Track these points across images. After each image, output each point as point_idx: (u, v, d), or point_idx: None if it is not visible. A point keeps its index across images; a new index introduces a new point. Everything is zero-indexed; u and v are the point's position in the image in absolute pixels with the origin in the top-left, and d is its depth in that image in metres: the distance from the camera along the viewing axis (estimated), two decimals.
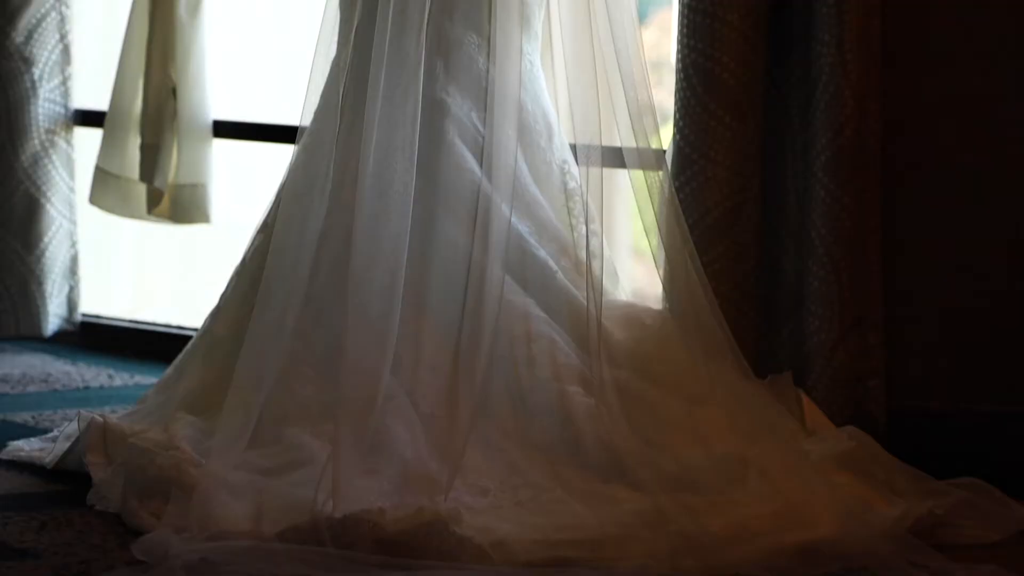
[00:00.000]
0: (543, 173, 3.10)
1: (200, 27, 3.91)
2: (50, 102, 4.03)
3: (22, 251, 4.02)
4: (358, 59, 2.98)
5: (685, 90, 3.15)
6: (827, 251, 3.07)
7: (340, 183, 2.95)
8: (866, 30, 3.04)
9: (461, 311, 2.90)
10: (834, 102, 3.05)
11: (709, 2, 3.10)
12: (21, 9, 3.98)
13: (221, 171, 4.00)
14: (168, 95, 3.91)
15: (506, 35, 3.01)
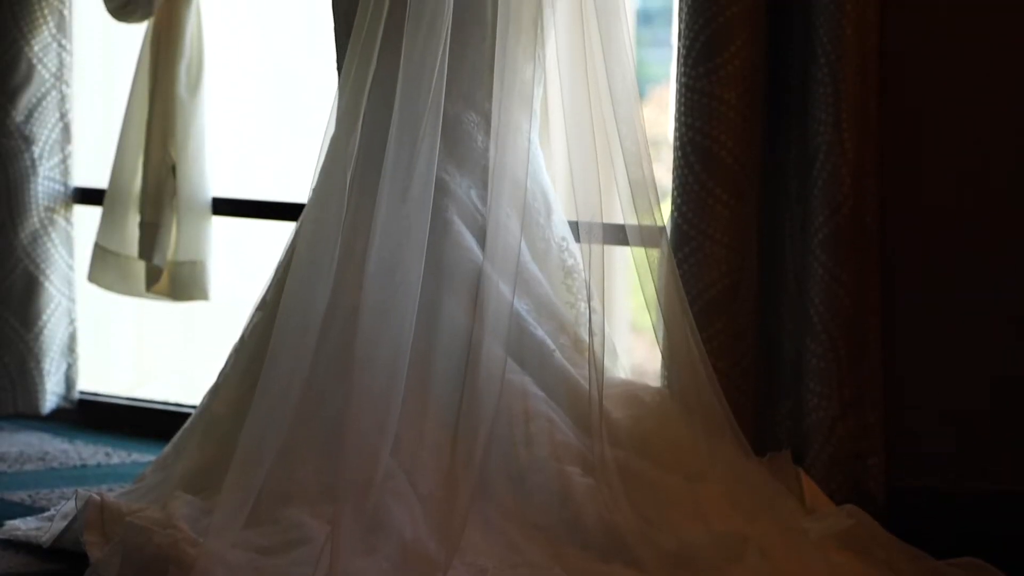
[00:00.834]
0: (541, 250, 3.11)
1: (200, 105, 3.93)
2: (50, 180, 4.04)
3: (21, 328, 4.02)
4: (366, 140, 2.99)
5: (683, 168, 3.16)
6: (825, 329, 3.07)
7: (346, 262, 2.95)
8: (863, 109, 3.05)
9: (461, 390, 2.90)
10: (832, 180, 3.06)
11: (707, 81, 3.12)
12: (22, 88, 4.00)
13: (220, 248, 4.00)
14: (168, 173, 3.92)
15: (505, 113, 3.02)
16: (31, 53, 3.99)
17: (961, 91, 3.12)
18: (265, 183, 4.28)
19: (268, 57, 4.45)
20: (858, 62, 3.04)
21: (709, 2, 3.10)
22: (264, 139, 4.41)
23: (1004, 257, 3.12)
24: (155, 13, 3.91)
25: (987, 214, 3.12)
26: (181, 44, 3.91)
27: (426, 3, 2.95)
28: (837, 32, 3.03)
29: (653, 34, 4.62)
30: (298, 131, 4.36)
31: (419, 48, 2.94)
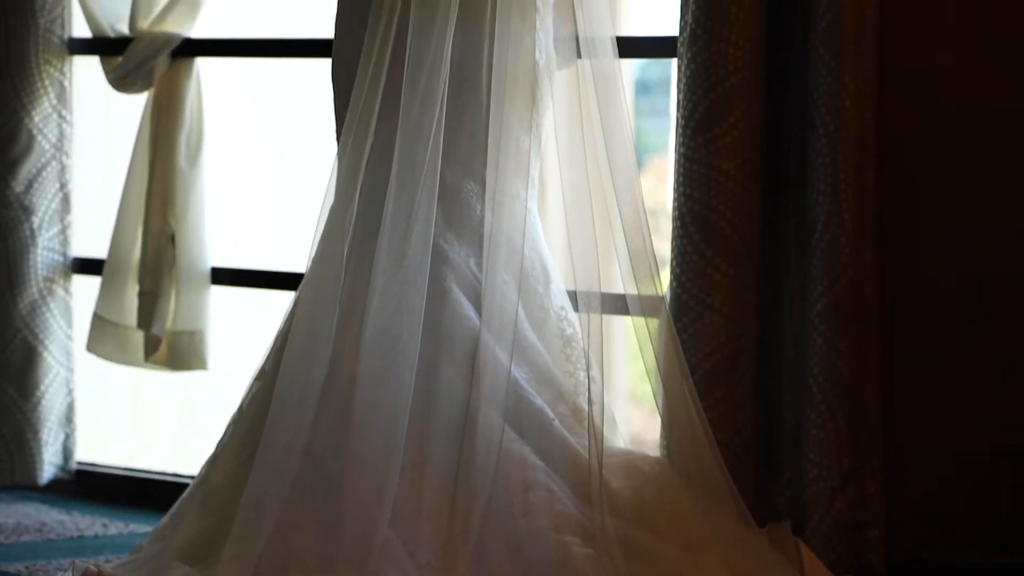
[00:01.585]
0: (540, 319, 3.11)
1: (200, 175, 3.93)
2: (49, 251, 4.04)
3: (19, 399, 4.01)
4: (364, 209, 3.00)
5: (682, 237, 3.16)
6: (825, 399, 3.07)
7: (344, 331, 2.95)
8: (862, 180, 3.06)
9: (459, 459, 2.89)
10: (831, 250, 3.06)
11: (706, 151, 3.12)
12: (22, 159, 4.00)
13: (219, 317, 4.00)
14: (167, 243, 3.92)
15: (502, 181, 3.03)
16: (31, 124, 4.00)
17: (959, 162, 3.13)
18: (264, 252, 4.28)
19: (267, 127, 4.47)
20: (857, 134, 3.05)
21: (708, 73, 3.11)
22: (263, 208, 4.41)
23: (1003, 327, 3.12)
24: (155, 83, 3.93)
25: (986, 284, 3.12)
26: (181, 114, 3.92)
27: (422, 72, 2.96)
28: (836, 104, 3.04)
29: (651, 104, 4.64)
30: (297, 200, 4.37)
31: (415, 117, 2.96)
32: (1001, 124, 3.11)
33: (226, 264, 4.00)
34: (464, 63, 3.03)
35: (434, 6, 2.98)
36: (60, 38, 4.03)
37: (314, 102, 4.02)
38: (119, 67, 3.93)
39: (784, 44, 3.16)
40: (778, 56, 3.16)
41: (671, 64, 3.40)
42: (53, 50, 4.02)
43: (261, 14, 4.41)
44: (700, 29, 3.11)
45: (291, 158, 4.41)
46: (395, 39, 2.99)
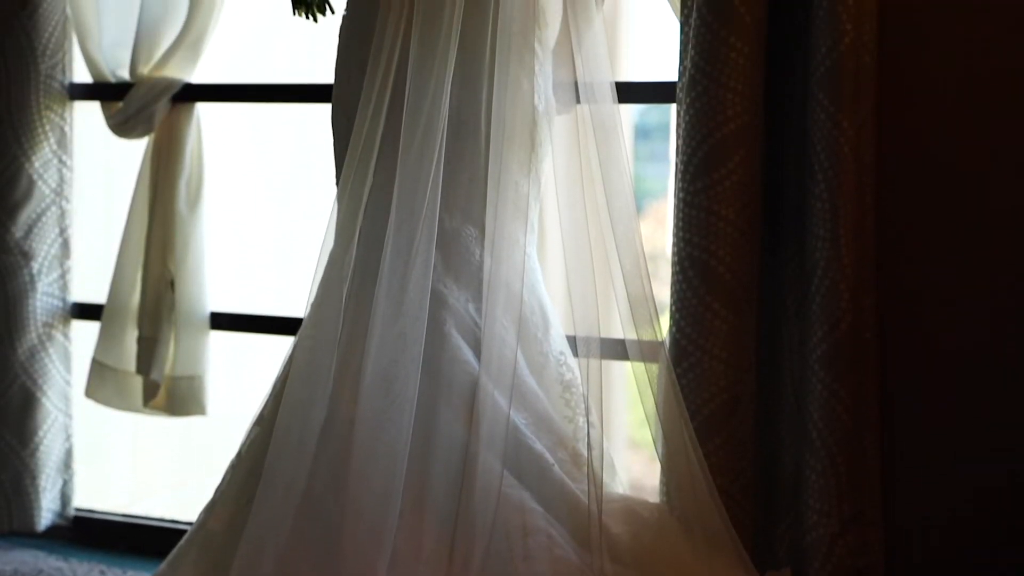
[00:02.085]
0: (539, 364, 3.10)
1: (199, 220, 3.94)
2: (48, 296, 4.04)
3: (17, 445, 4.00)
4: (363, 254, 3.00)
5: (681, 283, 3.16)
6: (824, 445, 3.06)
7: (343, 376, 2.95)
8: (861, 226, 3.06)
9: (457, 504, 2.88)
10: (830, 296, 3.06)
11: (705, 196, 3.12)
12: (22, 204, 4.01)
13: (218, 362, 4.00)
14: (166, 288, 3.92)
15: (501, 226, 3.03)
16: (31, 169, 4.01)
17: (958, 207, 3.13)
18: (263, 297, 4.28)
19: (267, 171, 4.48)
20: (855, 179, 3.05)
21: (707, 118, 3.12)
22: (262, 253, 4.42)
23: (1003, 371, 3.11)
24: (156, 129, 3.94)
25: (986, 330, 3.12)
26: (181, 159, 3.93)
27: (420, 117, 2.97)
28: (834, 149, 3.05)
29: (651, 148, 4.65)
30: (296, 245, 4.38)
31: (414, 161, 2.97)
32: (1000, 169, 3.11)
33: (225, 309, 4.00)
34: (463, 108, 3.04)
35: (432, 51, 2.98)
36: (61, 83, 4.04)
37: (313, 147, 4.03)
38: (119, 112, 3.94)
39: (783, 89, 3.17)
40: (777, 101, 3.17)
41: (670, 109, 3.41)
42: (54, 95, 4.03)
43: (261, 59, 4.43)
44: (699, 74, 3.12)
45: (290, 202, 4.42)
46: (394, 84, 3.00)
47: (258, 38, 4.47)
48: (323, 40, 3.39)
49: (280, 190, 4.47)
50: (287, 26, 3.59)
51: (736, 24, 3.08)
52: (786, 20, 3.14)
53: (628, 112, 4.32)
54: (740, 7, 3.07)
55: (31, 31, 3.98)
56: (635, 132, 4.55)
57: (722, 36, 3.08)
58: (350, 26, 3.14)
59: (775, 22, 3.13)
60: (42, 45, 3.99)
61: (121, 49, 3.98)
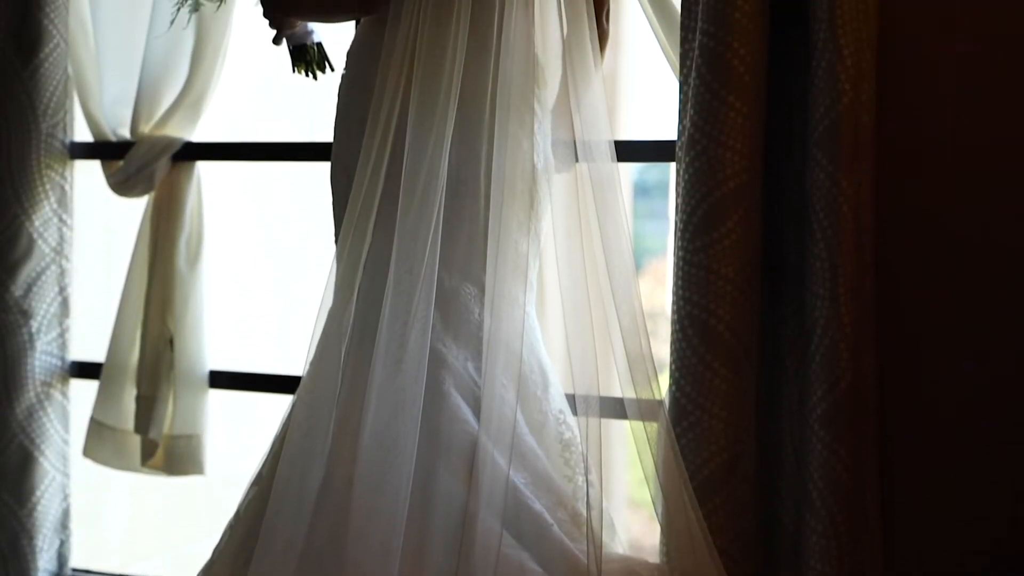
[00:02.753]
0: (538, 423, 3.09)
1: (199, 278, 3.94)
2: (47, 355, 4.04)
3: (14, 505, 3.98)
4: (362, 312, 3.00)
5: (681, 341, 3.16)
6: (824, 504, 3.05)
7: (341, 435, 2.94)
8: (860, 285, 3.06)
9: (456, 564, 2.87)
10: (830, 355, 3.06)
11: (704, 254, 3.12)
12: (21, 263, 4.01)
13: (217, 421, 3.99)
14: (165, 346, 3.92)
15: (500, 284, 3.03)
16: (32, 228, 4.01)
17: (957, 266, 3.13)
18: (262, 355, 4.28)
19: (266, 229, 4.48)
20: (854, 239, 3.05)
21: (706, 177, 3.12)
22: (262, 311, 4.42)
23: (1003, 432, 3.11)
24: (156, 187, 3.94)
25: (985, 388, 3.11)
26: (181, 217, 3.94)
27: (419, 176, 2.97)
28: (833, 208, 3.05)
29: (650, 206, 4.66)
30: (295, 303, 4.38)
31: (413, 220, 2.97)
32: (998, 230, 3.11)
33: (224, 367, 4.00)
34: (462, 166, 3.04)
35: (432, 110, 2.99)
36: (62, 143, 4.05)
37: (313, 204, 4.04)
38: (120, 171, 3.95)
39: (782, 148, 3.17)
40: (776, 160, 3.17)
41: (670, 167, 3.42)
42: (54, 154, 4.04)
43: (261, 117, 4.44)
44: (698, 134, 3.12)
45: (290, 260, 4.42)
46: (393, 143, 3.00)
47: (258, 96, 4.48)
48: (323, 98, 3.40)
49: (280, 248, 4.48)
50: (287, 84, 3.60)
51: (735, 84, 3.09)
52: (785, 80, 3.15)
53: (627, 170, 4.33)
54: (739, 67, 3.08)
55: (32, 90, 3.99)
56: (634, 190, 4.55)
57: (721, 96, 3.09)
58: (349, 84, 3.15)
59: (774, 82, 3.14)
60: (43, 104, 4.00)
61: (122, 108, 3.99)
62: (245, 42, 3.94)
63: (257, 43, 3.52)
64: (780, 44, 3.15)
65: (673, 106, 3.24)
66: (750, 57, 3.08)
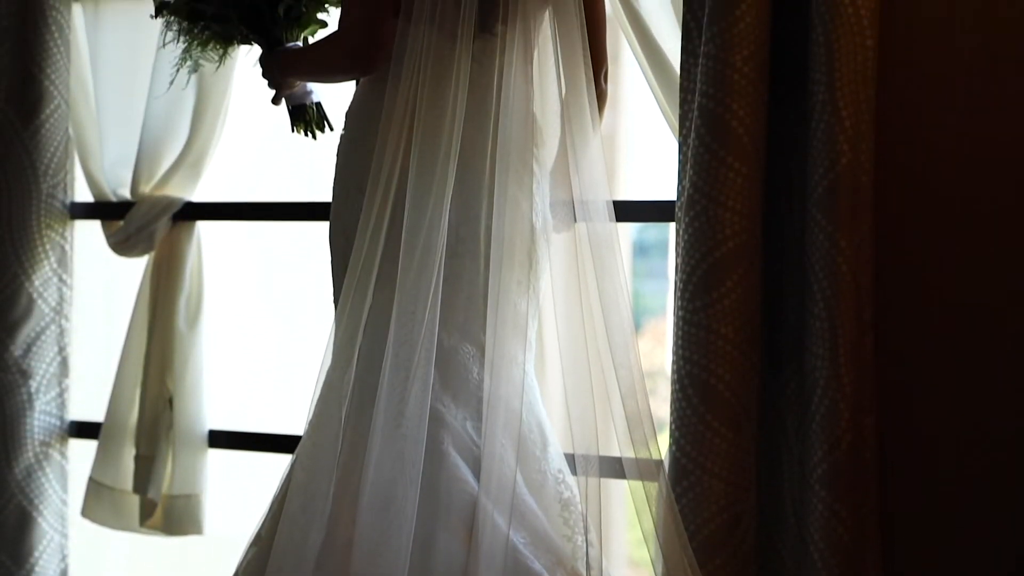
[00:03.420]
0: (537, 483, 3.09)
1: (199, 337, 3.94)
2: (46, 414, 4.03)
3: (11, 566, 3.97)
4: (362, 372, 3.00)
5: (681, 401, 3.15)
6: (825, 565, 3.04)
7: (341, 496, 2.93)
8: (859, 345, 3.06)
9: None
10: (830, 415, 3.05)
11: (704, 314, 3.12)
12: (21, 322, 4.02)
13: (216, 481, 3.98)
14: (165, 406, 3.92)
15: (500, 344, 3.03)
16: (31, 288, 4.02)
17: (955, 327, 3.13)
18: (262, 415, 4.27)
19: (266, 288, 4.48)
20: (854, 299, 3.05)
21: (706, 237, 3.12)
22: (261, 371, 4.41)
23: (1003, 491, 3.10)
24: (156, 247, 3.95)
25: (985, 448, 3.11)
26: (181, 277, 3.94)
27: (419, 236, 2.98)
28: (832, 268, 3.05)
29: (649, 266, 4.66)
30: (295, 363, 4.37)
31: (412, 280, 2.97)
32: (997, 286, 3.11)
33: (224, 426, 3.99)
34: (461, 227, 3.05)
35: (432, 170, 3.00)
36: (62, 203, 4.06)
37: (313, 264, 4.04)
38: (120, 231, 3.96)
39: (781, 208, 3.18)
40: (775, 220, 3.18)
41: (669, 226, 3.42)
42: (55, 214, 4.05)
43: (261, 176, 4.45)
44: (698, 194, 3.13)
45: (290, 320, 4.42)
46: (393, 204, 3.01)
47: (258, 155, 4.49)
48: (322, 158, 3.42)
49: (279, 307, 4.48)
50: (287, 143, 3.61)
51: (734, 145, 3.10)
52: (784, 141, 3.16)
53: (627, 229, 4.34)
54: (738, 128, 3.09)
55: (33, 151, 4.01)
56: (634, 249, 4.56)
57: (720, 156, 3.10)
58: (349, 145, 3.16)
59: (773, 143, 3.15)
60: (44, 164, 4.02)
61: (123, 168, 4.00)
62: (245, 102, 3.96)
63: (257, 103, 3.53)
64: (779, 105, 3.16)
65: (672, 166, 3.25)
66: (749, 118, 3.10)
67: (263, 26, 3.30)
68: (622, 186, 4.40)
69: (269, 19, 3.29)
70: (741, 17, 3.08)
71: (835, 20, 3.04)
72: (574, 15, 3.04)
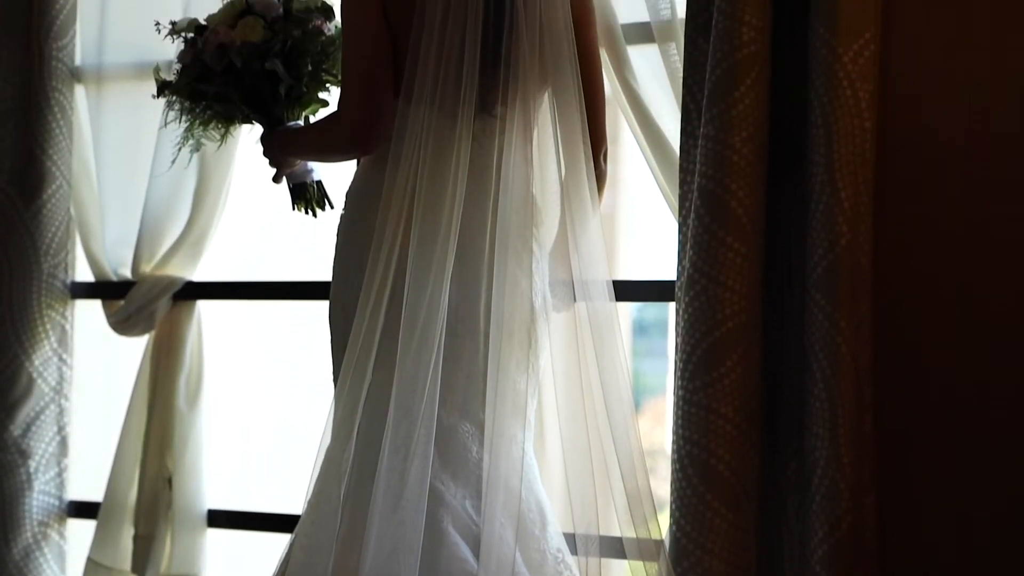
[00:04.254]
0: (537, 562, 3.07)
1: (198, 417, 3.94)
2: (45, 494, 4.02)
3: None
4: (361, 451, 3.00)
5: (681, 480, 3.15)
6: None
7: (341, 575, 2.92)
8: (859, 426, 3.05)
9: None
10: (830, 496, 3.04)
11: (704, 395, 3.12)
12: (21, 402, 4.01)
13: (214, 561, 3.96)
14: (164, 485, 3.91)
15: (499, 423, 3.03)
16: (31, 367, 4.02)
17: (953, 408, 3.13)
18: (262, 494, 4.26)
19: (266, 367, 4.48)
20: (854, 379, 3.05)
21: (706, 317, 3.13)
22: (261, 450, 4.41)
23: (1006, 567, 3.09)
24: (156, 326, 3.96)
25: (984, 525, 3.10)
26: (181, 356, 3.94)
27: (419, 316, 2.98)
28: (832, 349, 3.05)
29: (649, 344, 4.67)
30: (294, 442, 4.37)
31: (412, 359, 2.97)
32: (997, 366, 3.12)
33: (223, 506, 3.98)
34: (461, 306, 3.06)
35: (432, 249, 3.01)
36: (63, 282, 4.07)
37: (313, 344, 4.04)
38: (121, 310, 3.97)
39: (781, 288, 3.18)
40: (775, 299, 3.18)
41: (669, 305, 3.43)
42: (55, 294, 4.06)
43: (262, 256, 4.46)
44: (697, 274, 3.14)
45: (289, 399, 4.42)
46: (393, 283, 3.02)
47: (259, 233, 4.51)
48: (323, 236, 3.43)
49: (279, 386, 4.48)
50: (287, 221, 3.63)
51: (734, 225, 3.11)
52: (784, 221, 3.17)
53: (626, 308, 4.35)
54: (737, 209, 3.10)
55: (35, 231, 4.02)
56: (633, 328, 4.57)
57: (720, 237, 3.11)
58: (349, 224, 3.18)
59: (772, 223, 3.16)
60: (45, 244, 4.03)
61: (124, 248, 4.02)
62: (246, 180, 3.97)
63: (258, 181, 3.55)
64: (778, 186, 3.17)
65: (672, 245, 3.26)
66: (748, 199, 3.11)
67: (264, 106, 3.33)
68: (622, 265, 4.42)
69: (270, 99, 3.32)
70: (740, 99, 3.10)
71: (833, 102, 3.06)
72: (574, 96, 3.07)
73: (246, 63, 3.28)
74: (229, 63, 3.30)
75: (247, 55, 3.28)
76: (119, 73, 4.07)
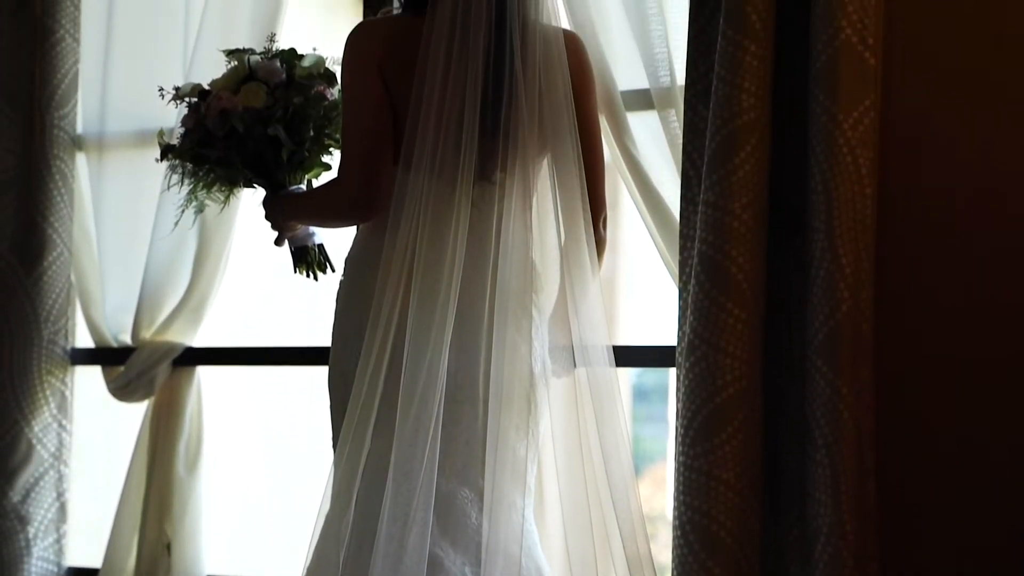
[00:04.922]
0: None
1: (198, 482, 3.93)
2: (43, 560, 4.01)
3: None
4: (360, 517, 2.99)
5: (682, 546, 3.13)
6: None
7: None
8: (861, 492, 3.04)
9: None
10: (833, 563, 3.02)
11: (705, 461, 3.11)
12: (20, 468, 4.01)
13: None
14: (163, 551, 3.90)
15: (499, 489, 3.02)
16: (31, 434, 4.02)
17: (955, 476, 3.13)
18: (260, 559, 4.25)
19: (265, 433, 4.48)
20: (855, 446, 3.03)
21: (706, 383, 3.12)
22: (260, 515, 4.40)
23: None
24: (156, 392, 3.96)
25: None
26: (181, 422, 3.94)
27: (418, 381, 2.98)
28: (834, 416, 3.04)
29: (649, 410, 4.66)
30: (293, 508, 4.36)
31: (411, 425, 2.97)
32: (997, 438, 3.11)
33: (222, 572, 3.97)
34: (460, 371, 3.06)
35: (431, 315, 3.01)
36: (63, 349, 4.07)
37: (312, 409, 4.04)
38: (121, 376, 3.97)
39: (780, 354, 3.18)
40: (776, 366, 3.18)
41: (669, 370, 3.43)
42: (55, 361, 4.06)
43: (262, 321, 4.47)
44: (698, 340, 3.13)
45: (288, 465, 4.41)
46: (392, 348, 3.02)
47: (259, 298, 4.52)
48: (322, 302, 3.43)
49: (278, 452, 4.47)
50: (288, 286, 3.63)
51: (734, 291, 3.11)
52: (784, 287, 3.17)
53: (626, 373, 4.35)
54: (738, 275, 3.11)
55: (35, 298, 4.03)
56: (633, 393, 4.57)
57: (720, 303, 3.11)
58: (348, 290, 3.18)
59: (773, 289, 3.16)
60: (45, 311, 4.04)
61: (124, 314, 4.02)
62: (246, 244, 3.98)
63: (258, 245, 3.56)
64: (778, 252, 3.18)
65: (672, 310, 3.26)
66: (748, 265, 3.11)
67: (267, 170, 3.34)
68: (622, 330, 4.42)
69: (273, 163, 3.33)
70: (740, 165, 3.11)
71: (834, 169, 3.07)
72: (573, 163, 3.08)
73: (248, 128, 3.30)
74: (232, 128, 3.31)
75: (249, 121, 3.29)
76: (120, 141, 4.10)
